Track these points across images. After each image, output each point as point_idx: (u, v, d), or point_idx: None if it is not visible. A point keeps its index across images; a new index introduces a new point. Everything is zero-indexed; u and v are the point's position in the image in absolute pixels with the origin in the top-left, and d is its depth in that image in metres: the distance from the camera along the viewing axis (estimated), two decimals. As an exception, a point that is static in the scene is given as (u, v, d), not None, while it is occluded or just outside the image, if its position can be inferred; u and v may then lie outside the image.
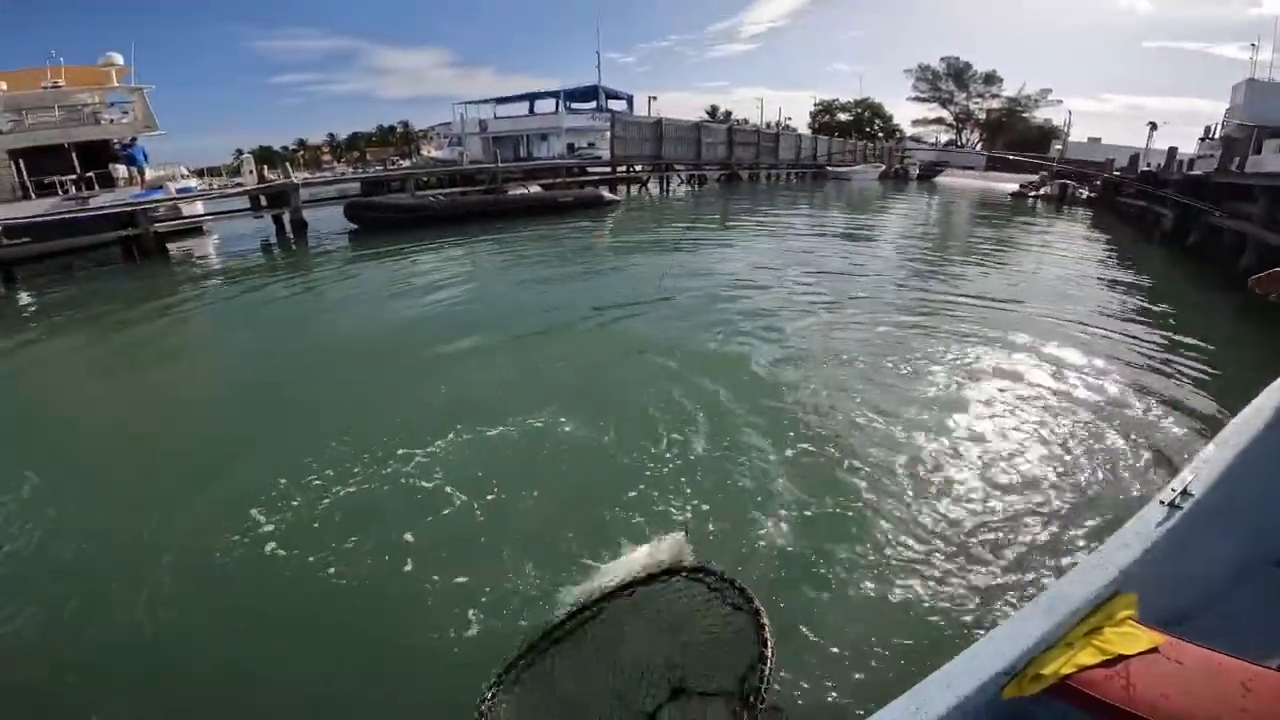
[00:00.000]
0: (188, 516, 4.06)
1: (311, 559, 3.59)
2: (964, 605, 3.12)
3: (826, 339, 7.53)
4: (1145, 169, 24.32)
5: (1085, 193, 29.14)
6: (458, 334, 8.02)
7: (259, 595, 3.41)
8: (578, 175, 27.29)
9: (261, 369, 7.56)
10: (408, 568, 3.50)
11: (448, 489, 4.19)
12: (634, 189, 30.13)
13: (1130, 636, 1.52)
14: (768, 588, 3.21)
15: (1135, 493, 4.07)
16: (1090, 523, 3.75)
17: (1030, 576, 3.30)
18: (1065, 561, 3.42)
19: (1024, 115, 64.59)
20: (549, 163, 30.03)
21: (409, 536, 3.73)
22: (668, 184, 32.75)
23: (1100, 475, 4.29)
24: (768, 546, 3.56)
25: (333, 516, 3.98)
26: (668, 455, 4.58)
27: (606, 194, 24.69)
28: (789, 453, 4.61)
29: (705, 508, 3.90)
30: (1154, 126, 31.26)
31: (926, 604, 3.13)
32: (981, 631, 2.43)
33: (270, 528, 3.88)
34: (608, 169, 28.79)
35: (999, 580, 3.29)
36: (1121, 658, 1.47)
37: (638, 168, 30.72)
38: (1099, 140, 48.80)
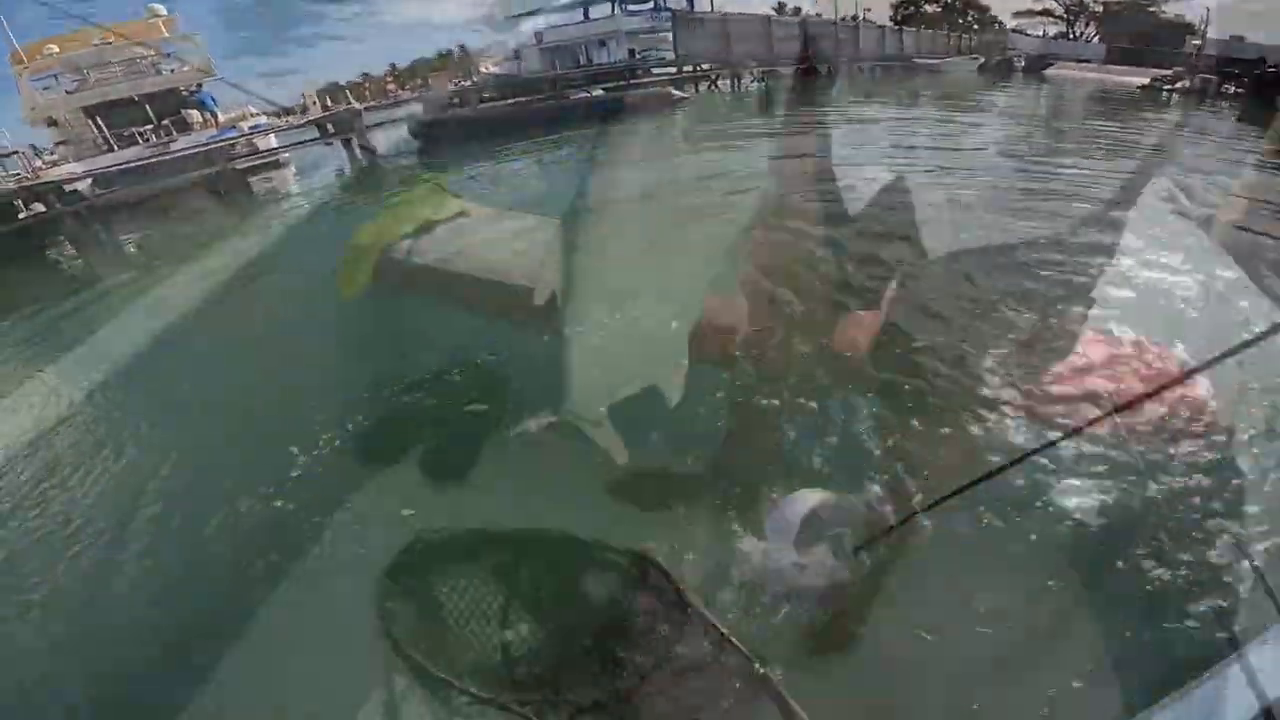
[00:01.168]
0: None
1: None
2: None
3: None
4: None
5: (1232, 88, 25.37)
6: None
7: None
8: (642, 77, 25.75)
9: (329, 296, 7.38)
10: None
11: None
12: (703, 86, 28.28)
13: None
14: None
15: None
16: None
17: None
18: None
19: (1150, 9, 55.93)
20: (611, 66, 28.45)
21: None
22: (739, 80, 30.45)
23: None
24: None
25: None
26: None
27: (675, 92, 23.32)
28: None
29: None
30: (1317, 24, 27.03)
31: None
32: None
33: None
34: (674, 69, 26.98)
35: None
36: None
37: (705, 67, 28.60)
38: (1242, 39, 41.92)
